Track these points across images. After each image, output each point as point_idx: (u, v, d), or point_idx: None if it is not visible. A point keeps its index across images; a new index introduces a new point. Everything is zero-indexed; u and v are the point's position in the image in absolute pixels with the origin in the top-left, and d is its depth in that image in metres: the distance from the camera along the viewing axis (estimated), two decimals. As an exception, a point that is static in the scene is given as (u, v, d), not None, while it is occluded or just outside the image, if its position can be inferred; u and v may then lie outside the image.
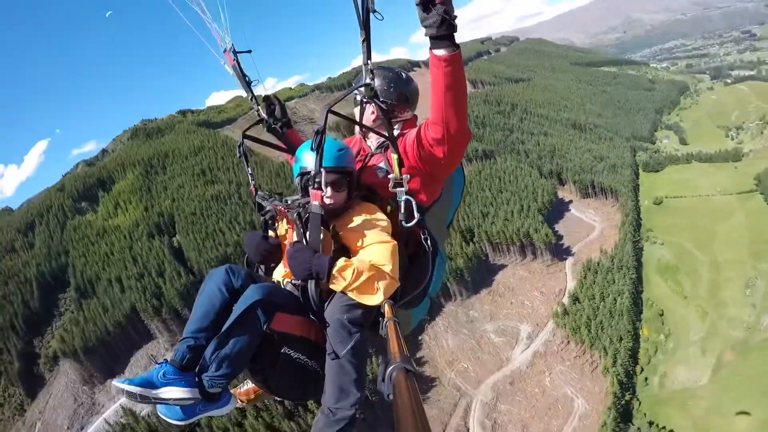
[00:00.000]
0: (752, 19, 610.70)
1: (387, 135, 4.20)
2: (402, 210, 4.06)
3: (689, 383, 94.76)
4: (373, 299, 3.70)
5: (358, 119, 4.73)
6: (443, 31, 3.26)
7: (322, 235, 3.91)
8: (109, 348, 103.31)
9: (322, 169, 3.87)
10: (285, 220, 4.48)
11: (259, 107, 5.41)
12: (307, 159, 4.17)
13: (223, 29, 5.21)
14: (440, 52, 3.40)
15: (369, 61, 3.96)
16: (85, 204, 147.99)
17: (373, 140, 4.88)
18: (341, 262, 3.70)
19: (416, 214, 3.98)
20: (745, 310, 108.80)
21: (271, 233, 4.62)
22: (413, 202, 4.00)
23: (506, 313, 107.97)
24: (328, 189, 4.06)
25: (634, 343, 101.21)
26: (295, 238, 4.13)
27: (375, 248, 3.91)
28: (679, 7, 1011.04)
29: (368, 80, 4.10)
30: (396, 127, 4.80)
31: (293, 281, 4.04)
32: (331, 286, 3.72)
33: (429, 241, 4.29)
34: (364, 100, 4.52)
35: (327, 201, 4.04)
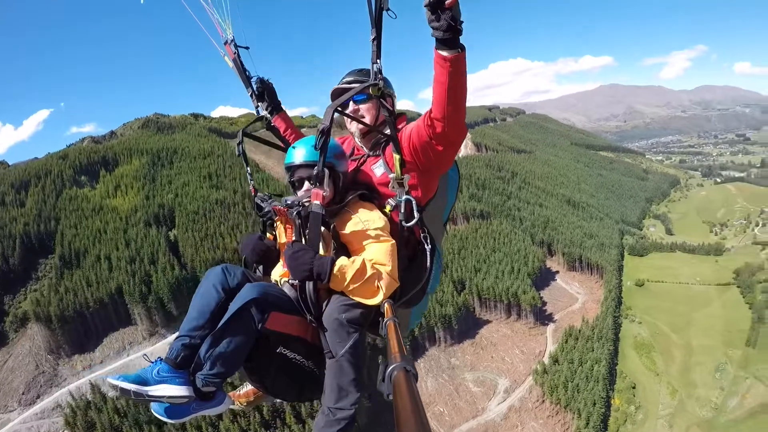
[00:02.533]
0: (748, 124, 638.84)
1: (390, 134, 4.31)
2: (402, 209, 4.16)
3: None
4: (374, 300, 3.78)
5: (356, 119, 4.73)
6: (449, 35, 3.39)
7: (321, 235, 3.96)
8: (85, 322, 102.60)
9: (325, 169, 3.92)
10: (284, 221, 4.45)
11: (259, 105, 5.68)
12: (290, 154, 4.32)
13: (224, 21, 5.40)
14: (445, 53, 3.51)
15: (378, 61, 4.01)
16: (85, 178, 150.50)
17: (364, 140, 4.92)
18: (342, 261, 3.74)
19: (416, 214, 4.12)
20: (714, 392, 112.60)
21: (269, 235, 4.71)
22: (413, 202, 4.14)
23: (486, 366, 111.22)
24: (305, 183, 4.22)
25: (606, 411, 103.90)
26: (294, 238, 4.14)
27: (375, 248, 3.96)
28: (679, 104, 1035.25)
29: (376, 80, 4.12)
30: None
31: (291, 281, 4.05)
32: (331, 285, 3.74)
33: (428, 240, 4.40)
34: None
35: (302, 193, 4.21)
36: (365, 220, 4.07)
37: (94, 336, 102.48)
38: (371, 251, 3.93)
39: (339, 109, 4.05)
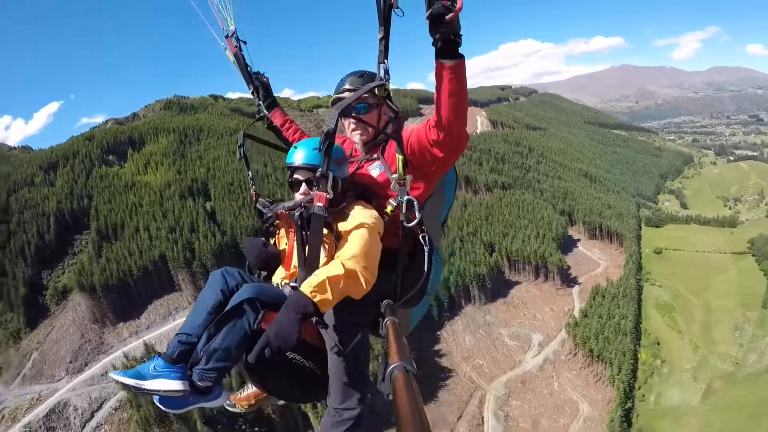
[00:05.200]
0: (761, 105, 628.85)
1: (395, 135, 4.34)
2: (403, 210, 4.11)
3: (682, 403, 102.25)
4: (362, 291, 3.75)
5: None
6: (449, 46, 3.46)
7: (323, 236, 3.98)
8: (129, 290, 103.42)
9: (329, 172, 3.92)
10: (286, 225, 4.58)
11: (261, 103, 5.72)
12: (290, 155, 4.35)
13: (227, 14, 5.47)
14: (445, 62, 3.53)
15: (386, 60, 4.01)
16: (113, 157, 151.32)
17: (357, 135, 4.87)
18: (312, 283, 3.56)
19: (417, 214, 4.08)
20: (733, 348, 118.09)
21: (271, 240, 4.78)
22: (414, 202, 4.11)
23: (519, 322, 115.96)
24: (302, 186, 4.28)
25: (634, 363, 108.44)
26: (295, 240, 4.21)
27: (349, 240, 3.95)
28: (691, 85, 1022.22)
29: (384, 80, 4.13)
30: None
31: (291, 284, 4.15)
32: (325, 308, 3.59)
33: (427, 240, 4.36)
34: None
35: (299, 197, 4.29)
36: (355, 216, 4.09)
37: (138, 303, 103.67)
38: (345, 247, 3.93)
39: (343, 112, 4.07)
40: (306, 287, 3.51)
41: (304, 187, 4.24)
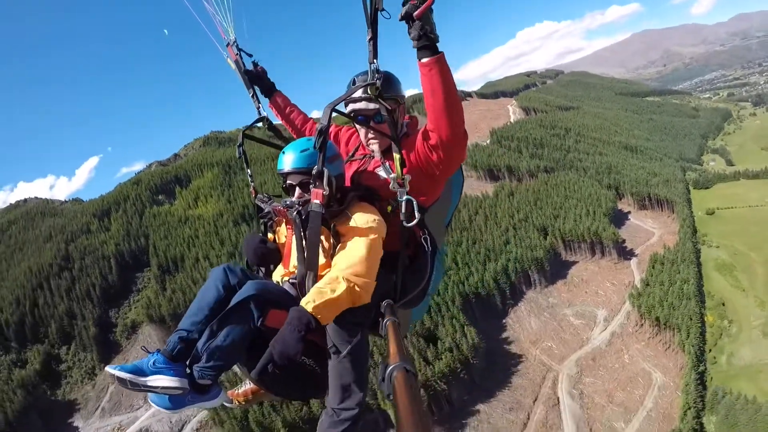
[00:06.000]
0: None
1: (389, 134, 4.31)
2: (403, 210, 4.13)
3: (755, 361, 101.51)
4: (360, 301, 3.78)
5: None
6: (423, 43, 3.54)
7: (322, 234, 4.08)
8: None
9: (324, 169, 3.96)
10: (285, 221, 4.65)
11: (261, 104, 5.84)
12: (280, 161, 4.32)
13: (227, 22, 5.55)
14: (424, 60, 3.62)
15: (375, 61, 3.98)
16: (163, 197, 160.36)
17: (376, 145, 4.83)
18: (313, 299, 3.58)
19: (417, 214, 4.08)
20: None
21: (270, 236, 4.89)
22: (414, 202, 4.10)
23: (582, 300, 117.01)
24: (297, 189, 4.24)
25: (701, 327, 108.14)
26: (294, 237, 4.23)
27: (348, 248, 3.97)
28: (717, 38, 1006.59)
29: (374, 80, 4.09)
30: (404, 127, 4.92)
31: (291, 280, 4.19)
32: (325, 323, 3.66)
33: (428, 241, 4.50)
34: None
35: (294, 200, 4.22)
36: (356, 220, 4.10)
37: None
38: (343, 255, 3.96)
39: (336, 108, 4.14)
40: (307, 303, 3.57)
41: (298, 191, 4.26)
